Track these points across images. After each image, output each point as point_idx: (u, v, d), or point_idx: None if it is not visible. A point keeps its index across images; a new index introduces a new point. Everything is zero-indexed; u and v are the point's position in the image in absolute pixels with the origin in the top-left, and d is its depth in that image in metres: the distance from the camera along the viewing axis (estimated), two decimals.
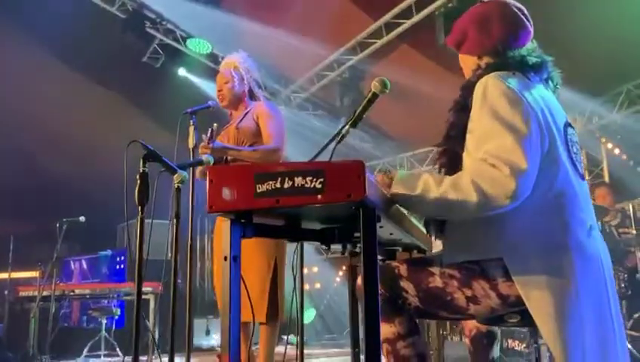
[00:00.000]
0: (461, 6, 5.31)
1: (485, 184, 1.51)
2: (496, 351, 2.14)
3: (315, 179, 1.39)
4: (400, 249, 2.56)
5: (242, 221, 1.49)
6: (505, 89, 1.65)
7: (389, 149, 8.65)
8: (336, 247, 1.86)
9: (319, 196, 1.38)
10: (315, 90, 7.58)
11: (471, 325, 2.12)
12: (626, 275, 5.08)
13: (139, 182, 2.46)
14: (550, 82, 1.90)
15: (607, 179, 7.24)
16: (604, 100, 7.09)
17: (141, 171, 2.48)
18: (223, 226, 1.48)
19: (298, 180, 1.40)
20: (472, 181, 1.53)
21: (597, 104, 7.16)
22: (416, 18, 5.83)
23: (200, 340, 7.88)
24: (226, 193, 1.44)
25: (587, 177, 7.58)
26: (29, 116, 7.29)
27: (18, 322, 6.90)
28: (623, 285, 5.05)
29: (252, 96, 3.47)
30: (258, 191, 1.42)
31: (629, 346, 4.73)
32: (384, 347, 1.71)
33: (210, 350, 7.96)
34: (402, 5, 5.89)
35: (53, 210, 6.67)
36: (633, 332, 4.95)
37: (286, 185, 1.41)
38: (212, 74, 7.34)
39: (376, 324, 1.33)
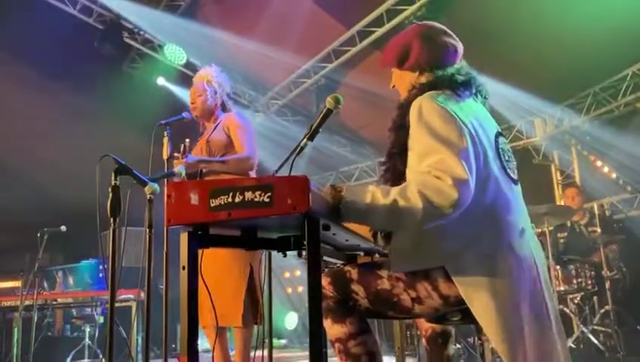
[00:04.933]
0: (430, 15, 5.48)
1: (431, 193, 1.63)
2: (450, 349, 2.28)
3: (263, 193, 1.52)
4: (362, 253, 2.69)
5: (199, 233, 1.61)
6: (437, 108, 1.78)
7: (367, 154, 8.81)
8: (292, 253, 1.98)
9: (267, 209, 1.52)
10: (292, 97, 7.71)
11: (426, 326, 2.25)
12: (592, 272, 5.26)
13: (111, 195, 2.58)
14: (479, 95, 2.02)
15: (577, 179, 7.45)
16: (573, 103, 7.30)
17: (113, 184, 2.60)
18: (181, 238, 1.60)
19: (248, 194, 1.53)
20: (418, 191, 1.64)
21: (566, 107, 7.37)
22: (387, 26, 5.99)
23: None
24: (186, 204, 1.57)
25: (559, 177, 7.80)
26: (8, 128, 7.33)
27: (1, 332, 6.93)
28: (589, 282, 5.24)
29: (224, 108, 3.59)
30: (212, 205, 1.55)
31: (595, 340, 4.93)
32: (336, 346, 1.83)
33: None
34: (374, 14, 6.04)
35: (36, 219, 6.71)
36: (600, 328, 5.12)
37: (237, 199, 1.54)
38: (190, 82, 7.43)
39: (319, 325, 1.46)
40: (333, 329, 1.83)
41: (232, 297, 3.07)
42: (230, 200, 1.54)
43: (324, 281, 1.86)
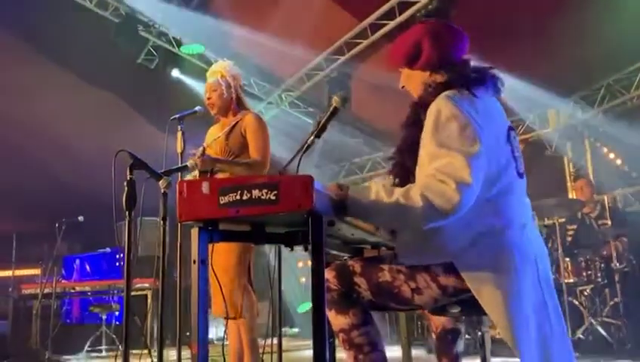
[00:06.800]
0: (441, 7, 5.49)
1: (433, 196, 1.69)
2: (460, 346, 2.35)
3: (270, 192, 1.60)
4: (369, 247, 2.76)
5: (209, 228, 1.70)
6: (455, 112, 1.81)
7: (379, 145, 8.86)
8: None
9: (273, 206, 1.60)
10: (305, 89, 7.77)
11: (437, 322, 2.31)
12: (602, 265, 5.29)
13: (126, 188, 2.69)
14: (493, 88, 2.03)
15: (590, 171, 7.44)
16: (586, 95, 7.28)
17: (128, 179, 2.71)
18: (192, 232, 1.69)
19: (255, 192, 1.61)
20: (421, 194, 1.70)
21: (579, 98, 7.35)
22: (399, 19, 6.02)
23: None
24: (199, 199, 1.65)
25: (571, 169, 7.79)
26: (30, 121, 7.49)
27: (21, 318, 7.12)
28: (599, 274, 5.27)
29: (240, 103, 3.66)
30: (221, 202, 1.63)
31: (603, 332, 4.97)
32: (340, 336, 1.91)
33: (209, 343, 8.20)
34: (385, 7, 6.08)
35: (56, 209, 6.89)
36: (609, 320, 5.15)
37: (245, 197, 1.62)
38: (204, 75, 7.53)
39: (322, 317, 1.55)
40: (337, 320, 1.91)
41: (234, 290, 3.20)
42: (238, 197, 1.62)
43: (329, 274, 1.94)
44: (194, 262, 1.66)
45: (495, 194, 1.85)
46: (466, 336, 5.06)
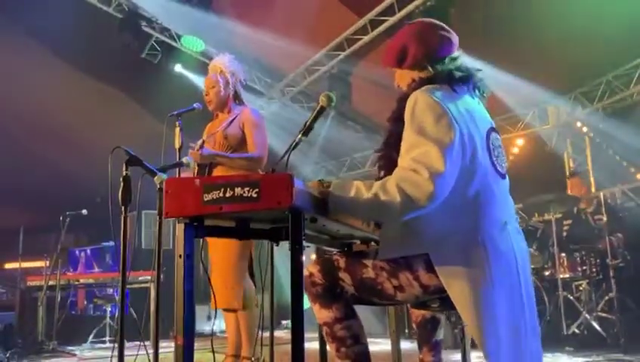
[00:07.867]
0: (439, 4, 5.53)
1: (408, 187, 1.75)
2: (439, 334, 2.42)
3: (251, 189, 1.67)
4: (358, 241, 2.83)
5: (195, 224, 1.77)
6: (431, 102, 1.87)
7: (381, 140, 8.89)
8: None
9: (255, 203, 1.67)
10: (306, 84, 7.83)
11: (417, 312, 2.39)
12: (598, 260, 5.33)
13: (122, 185, 2.77)
14: (477, 91, 2.12)
15: (590, 168, 7.46)
16: (585, 91, 7.29)
17: (124, 175, 2.78)
18: (178, 228, 1.76)
19: (237, 190, 1.68)
20: (397, 185, 1.77)
21: (579, 95, 7.37)
22: (398, 15, 6.06)
23: (202, 325, 8.17)
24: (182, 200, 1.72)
25: (571, 164, 7.81)
26: (34, 116, 7.59)
27: (28, 310, 7.24)
28: (594, 270, 5.31)
29: (237, 98, 3.72)
30: (205, 199, 1.70)
31: (597, 327, 5.02)
32: (324, 329, 1.98)
33: (211, 335, 8.28)
34: (385, 3, 6.12)
35: (62, 202, 6.98)
36: (606, 314, 5.20)
37: (227, 195, 1.69)
38: (206, 70, 7.59)
39: (300, 310, 1.62)
40: (321, 313, 1.97)
41: (235, 283, 3.28)
42: (221, 195, 1.69)
43: (314, 269, 2.01)
44: (179, 256, 1.73)
45: (473, 192, 1.89)
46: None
